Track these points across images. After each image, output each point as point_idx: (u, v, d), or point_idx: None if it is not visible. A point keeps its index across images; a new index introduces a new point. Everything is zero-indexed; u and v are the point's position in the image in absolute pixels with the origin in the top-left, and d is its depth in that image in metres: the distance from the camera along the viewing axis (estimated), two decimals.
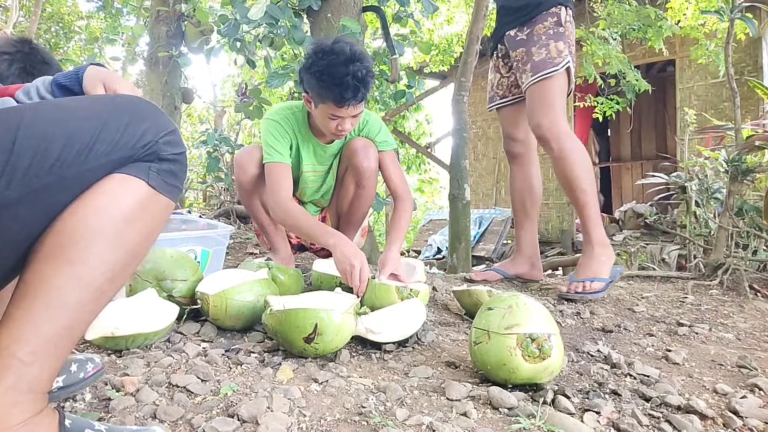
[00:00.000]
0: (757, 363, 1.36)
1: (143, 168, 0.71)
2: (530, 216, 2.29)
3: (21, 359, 0.63)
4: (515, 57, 2.08)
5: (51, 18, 8.72)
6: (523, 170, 2.27)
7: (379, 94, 5.66)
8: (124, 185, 0.69)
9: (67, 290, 0.65)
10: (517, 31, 2.08)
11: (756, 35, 2.86)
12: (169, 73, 4.14)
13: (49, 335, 0.65)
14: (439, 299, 1.93)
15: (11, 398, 0.63)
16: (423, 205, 12.80)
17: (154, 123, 0.72)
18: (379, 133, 1.98)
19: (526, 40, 2.04)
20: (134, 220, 0.70)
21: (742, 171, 2.43)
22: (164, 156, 0.72)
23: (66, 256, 0.66)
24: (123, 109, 0.71)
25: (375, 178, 2.00)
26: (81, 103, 0.72)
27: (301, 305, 1.27)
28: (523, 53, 2.04)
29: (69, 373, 0.94)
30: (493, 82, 2.29)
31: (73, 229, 0.66)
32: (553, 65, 1.98)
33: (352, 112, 1.72)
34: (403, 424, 0.92)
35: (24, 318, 0.64)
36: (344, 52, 1.66)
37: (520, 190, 2.28)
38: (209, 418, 0.88)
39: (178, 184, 0.76)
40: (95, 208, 0.67)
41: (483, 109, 10.07)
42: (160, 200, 0.73)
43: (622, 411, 1.04)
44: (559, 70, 1.97)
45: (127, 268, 0.71)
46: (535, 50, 2.01)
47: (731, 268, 2.23)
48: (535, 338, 1.09)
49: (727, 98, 6.29)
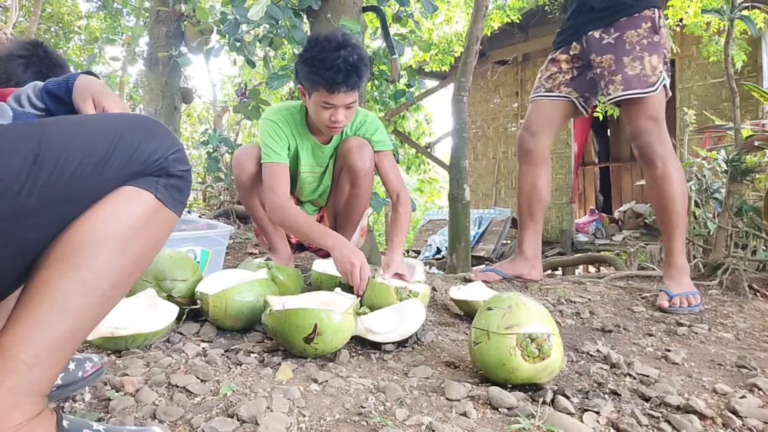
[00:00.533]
0: (757, 363, 1.36)
1: (152, 182, 0.74)
2: (535, 218, 2.25)
3: (24, 361, 0.64)
4: (599, 62, 1.96)
5: (51, 18, 8.71)
6: (532, 169, 2.21)
7: (379, 94, 5.66)
8: (134, 197, 0.73)
9: (72, 294, 0.67)
10: (602, 33, 1.95)
11: (756, 35, 2.86)
12: (168, 73, 4.14)
13: (52, 338, 0.66)
14: (439, 299, 1.93)
15: (12, 400, 0.64)
16: (422, 205, 12.80)
17: (164, 141, 0.76)
18: (376, 133, 1.97)
19: (615, 46, 1.92)
20: (140, 230, 0.73)
21: (742, 171, 2.43)
22: (172, 172, 0.76)
23: (73, 261, 0.68)
24: (136, 126, 0.75)
25: (371, 177, 1.99)
26: (97, 119, 0.77)
27: (300, 305, 1.28)
28: (611, 61, 1.92)
29: (67, 371, 0.94)
30: (545, 73, 2.17)
31: (82, 236, 0.69)
32: (648, 84, 1.87)
33: (344, 99, 1.70)
34: (402, 424, 0.92)
35: (28, 320, 0.65)
36: (336, 39, 1.67)
37: (526, 190, 2.24)
38: (209, 418, 0.88)
39: (183, 199, 0.80)
40: (104, 216, 0.70)
41: (483, 109, 10.08)
42: (166, 213, 0.76)
43: (621, 411, 1.04)
44: (656, 91, 1.87)
45: (131, 275, 0.74)
46: (627, 61, 1.89)
47: (730, 268, 2.23)
48: (534, 338, 1.09)
49: (727, 98, 6.29)
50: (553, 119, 2.16)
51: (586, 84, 2.10)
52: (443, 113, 13.32)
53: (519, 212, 2.29)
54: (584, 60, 2.07)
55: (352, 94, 1.71)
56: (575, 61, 2.10)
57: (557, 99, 2.14)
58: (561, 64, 2.13)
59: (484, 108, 10.08)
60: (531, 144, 2.18)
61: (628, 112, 1.95)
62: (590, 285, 2.21)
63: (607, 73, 1.94)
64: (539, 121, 2.17)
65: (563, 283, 2.22)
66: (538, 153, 2.18)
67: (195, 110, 10.43)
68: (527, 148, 2.19)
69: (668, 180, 1.93)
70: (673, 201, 1.94)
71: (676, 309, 1.87)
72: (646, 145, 1.93)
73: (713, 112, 6.14)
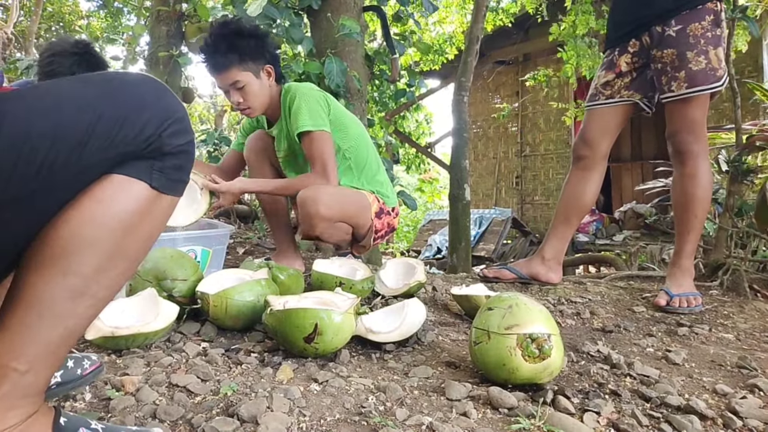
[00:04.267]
0: (757, 363, 1.36)
1: (145, 167, 0.64)
2: (569, 222, 2.14)
3: (16, 369, 0.62)
4: (661, 57, 1.85)
5: (52, 17, 8.73)
6: (581, 173, 2.09)
7: (378, 94, 5.66)
8: (124, 189, 0.63)
9: (59, 302, 0.62)
10: (663, 26, 1.84)
11: (757, 36, 2.85)
12: (169, 73, 4.14)
13: (44, 344, 0.63)
14: (439, 299, 1.93)
15: (7, 404, 0.62)
16: (423, 205, 12.81)
17: (156, 112, 0.63)
18: (297, 118, 1.92)
19: (677, 40, 1.81)
20: (134, 228, 0.64)
21: (742, 171, 2.43)
22: (168, 150, 0.65)
23: (59, 267, 0.61)
24: (120, 96, 0.62)
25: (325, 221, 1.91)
26: (72, 89, 0.62)
27: (301, 305, 1.28)
28: (673, 56, 1.82)
29: (66, 369, 0.94)
30: (602, 80, 2.04)
31: (66, 240, 0.61)
32: (715, 79, 1.79)
33: (222, 82, 1.86)
34: (402, 424, 0.92)
35: (17, 328, 0.62)
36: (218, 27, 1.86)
37: (568, 193, 2.13)
38: (209, 418, 0.88)
39: (185, 177, 0.69)
40: (90, 217, 0.61)
41: (483, 109, 10.08)
42: (163, 200, 0.67)
43: (621, 411, 1.04)
44: (723, 84, 1.80)
45: (125, 273, 0.68)
46: (691, 56, 1.79)
47: (731, 268, 2.23)
48: (535, 338, 1.09)
49: (727, 98, 6.28)
50: (612, 124, 2.04)
51: (648, 83, 1.98)
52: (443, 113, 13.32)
53: (555, 213, 2.20)
54: (644, 58, 1.95)
55: (225, 75, 1.84)
56: (635, 62, 1.97)
57: (618, 104, 2.02)
58: (620, 68, 1.99)
59: (484, 108, 10.09)
60: (586, 151, 2.07)
61: (677, 107, 1.86)
62: (591, 285, 2.21)
63: (669, 68, 1.84)
64: (597, 129, 2.05)
65: (563, 283, 2.21)
66: (592, 159, 2.07)
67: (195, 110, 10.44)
68: (581, 155, 2.08)
69: (695, 181, 1.88)
70: (694, 203, 1.90)
71: (675, 309, 1.86)
72: (684, 142, 1.87)
73: (714, 112, 6.14)
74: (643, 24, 1.91)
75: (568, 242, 2.20)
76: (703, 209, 1.92)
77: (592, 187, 2.10)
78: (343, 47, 3.01)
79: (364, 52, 3.25)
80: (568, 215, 2.14)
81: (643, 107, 2.03)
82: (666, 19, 1.84)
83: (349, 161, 2.10)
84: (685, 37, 1.81)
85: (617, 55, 2.00)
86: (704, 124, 1.88)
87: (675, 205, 1.98)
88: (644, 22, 1.90)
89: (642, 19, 1.91)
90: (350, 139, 2.08)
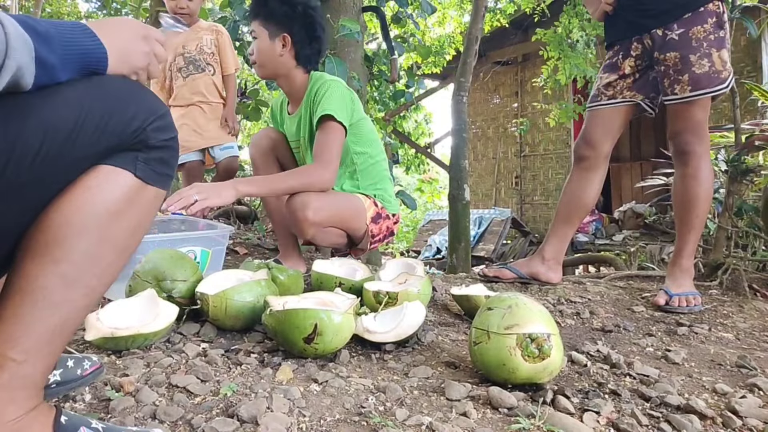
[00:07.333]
0: (757, 363, 1.36)
1: (130, 158, 0.67)
2: (570, 222, 2.14)
3: (13, 358, 0.63)
4: (664, 60, 1.85)
5: (50, 18, 8.73)
6: (583, 174, 2.08)
7: (378, 94, 5.66)
8: (110, 178, 0.66)
9: (53, 289, 0.64)
10: (665, 30, 1.84)
11: (755, 36, 2.86)
12: None
13: (39, 334, 0.64)
14: (439, 299, 1.93)
15: (5, 395, 0.63)
16: (423, 205, 12.81)
17: (142, 106, 0.67)
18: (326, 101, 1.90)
19: (679, 43, 1.81)
20: (120, 215, 0.68)
21: (742, 171, 2.43)
22: (153, 143, 0.68)
23: (50, 255, 0.64)
24: (107, 92, 0.65)
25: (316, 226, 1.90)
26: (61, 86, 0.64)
27: (301, 305, 1.28)
28: (676, 59, 1.82)
29: (66, 368, 0.94)
30: (604, 81, 2.04)
31: (57, 227, 0.64)
32: (719, 81, 1.79)
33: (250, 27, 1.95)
34: (402, 424, 0.92)
35: (13, 318, 0.63)
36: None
37: (569, 193, 2.13)
38: (209, 418, 0.88)
39: (169, 171, 0.73)
40: (79, 204, 0.65)
41: (483, 109, 10.09)
42: (148, 191, 0.70)
43: (621, 411, 1.04)
44: (728, 87, 1.80)
45: (116, 262, 0.70)
46: (694, 59, 1.79)
47: (730, 268, 2.23)
48: (534, 338, 1.09)
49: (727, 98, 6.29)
50: (615, 125, 2.04)
51: (651, 84, 1.97)
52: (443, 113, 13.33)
53: (556, 212, 2.19)
54: (647, 60, 1.95)
55: (252, 22, 1.94)
56: (638, 64, 1.97)
57: (620, 105, 2.01)
58: (624, 69, 1.98)
59: (484, 108, 10.10)
60: (588, 152, 2.06)
61: (680, 109, 1.86)
62: (590, 285, 2.21)
63: (673, 72, 1.84)
64: (599, 130, 2.04)
65: (563, 283, 2.21)
66: (594, 159, 2.06)
67: None
68: (583, 155, 2.07)
69: (697, 181, 1.89)
70: (696, 203, 1.90)
71: (675, 308, 1.86)
72: (686, 142, 1.88)
73: (713, 112, 6.14)
74: (641, 28, 1.91)
75: (568, 242, 2.19)
76: (704, 209, 1.92)
77: (594, 187, 2.10)
78: (343, 47, 3.01)
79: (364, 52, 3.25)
80: (569, 215, 2.14)
81: (645, 108, 2.03)
82: (667, 23, 1.84)
83: (356, 165, 2.09)
84: (687, 41, 1.81)
85: (621, 58, 2.00)
86: (706, 125, 1.89)
87: (676, 204, 1.98)
88: (644, 27, 1.90)
89: (639, 23, 1.92)
90: (362, 145, 2.08)
